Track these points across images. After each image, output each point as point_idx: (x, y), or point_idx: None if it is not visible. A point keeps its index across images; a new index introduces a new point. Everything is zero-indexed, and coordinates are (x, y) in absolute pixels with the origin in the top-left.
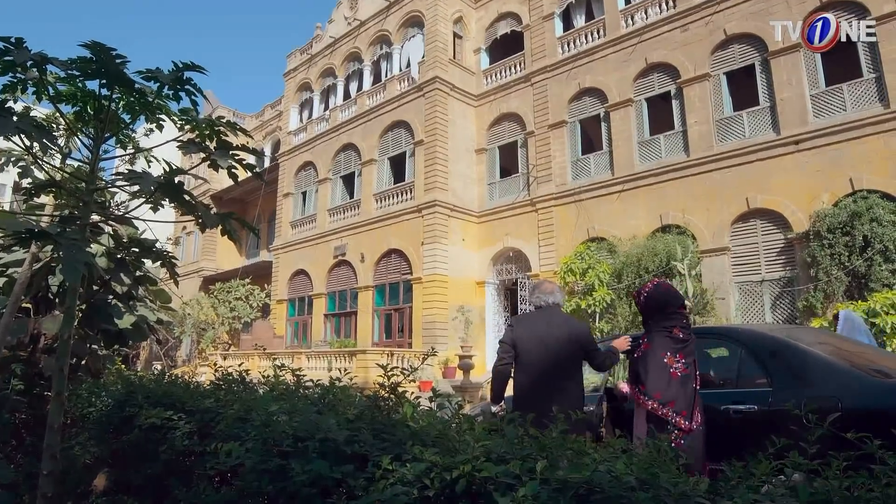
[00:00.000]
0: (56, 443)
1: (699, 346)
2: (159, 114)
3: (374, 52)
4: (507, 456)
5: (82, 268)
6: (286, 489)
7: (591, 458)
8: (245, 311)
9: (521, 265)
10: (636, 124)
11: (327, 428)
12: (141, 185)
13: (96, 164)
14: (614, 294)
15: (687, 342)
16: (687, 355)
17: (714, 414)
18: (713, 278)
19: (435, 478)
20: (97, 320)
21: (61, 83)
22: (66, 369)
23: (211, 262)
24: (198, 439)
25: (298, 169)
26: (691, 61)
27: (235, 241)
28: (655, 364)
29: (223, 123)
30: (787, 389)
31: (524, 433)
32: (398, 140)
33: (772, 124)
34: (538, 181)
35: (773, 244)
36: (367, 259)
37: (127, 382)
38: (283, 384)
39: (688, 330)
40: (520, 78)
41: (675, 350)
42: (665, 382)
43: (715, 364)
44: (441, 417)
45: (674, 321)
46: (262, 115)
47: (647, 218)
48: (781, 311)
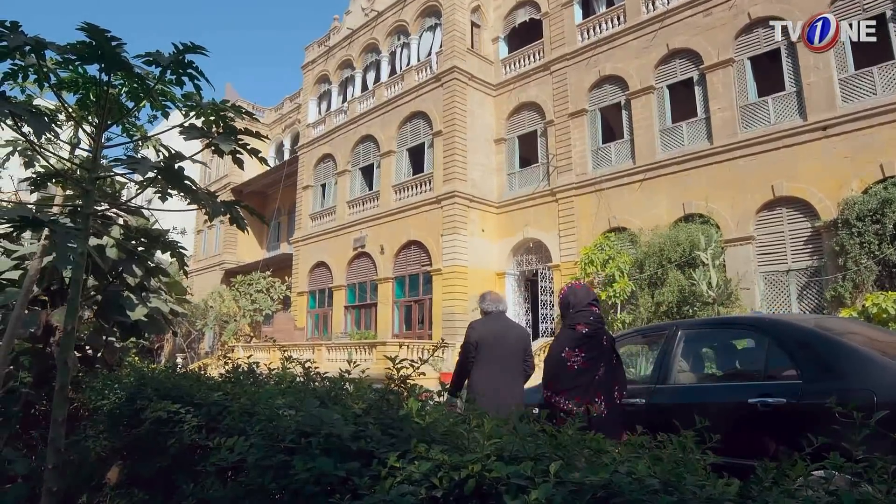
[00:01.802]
0: (60, 436)
1: (722, 336)
2: (164, 100)
3: (391, 42)
4: (519, 455)
5: (77, 257)
6: (290, 486)
7: (611, 458)
8: (266, 304)
9: (542, 256)
10: (658, 112)
11: (331, 423)
12: (138, 171)
13: (98, 152)
14: (636, 285)
15: (591, 337)
16: (589, 349)
17: (739, 408)
18: (737, 268)
19: (443, 477)
20: (110, 312)
21: (62, 69)
22: (70, 362)
23: (232, 255)
24: (206, 433)
25: (317, 161)
26: (714, 46)
27: (243, 229)
28: (553, 357)
29: (228, 108)
30: (817, 382)
31: (539, 429)
32: (417, 131)
33: (798, 110)
34: (558, 171)
35: (800, 233)
36: (386, 251)
37: (139, 375)
38: (290, 377)
39: (595, 326)
40: (539, 66)
41: (575, 344)
42: (559, 373)
43: (740, 355)
44: (450, 412)
45: (578, 318)
46: (282, 107)
47: (670, 207)
48: (808, 301)
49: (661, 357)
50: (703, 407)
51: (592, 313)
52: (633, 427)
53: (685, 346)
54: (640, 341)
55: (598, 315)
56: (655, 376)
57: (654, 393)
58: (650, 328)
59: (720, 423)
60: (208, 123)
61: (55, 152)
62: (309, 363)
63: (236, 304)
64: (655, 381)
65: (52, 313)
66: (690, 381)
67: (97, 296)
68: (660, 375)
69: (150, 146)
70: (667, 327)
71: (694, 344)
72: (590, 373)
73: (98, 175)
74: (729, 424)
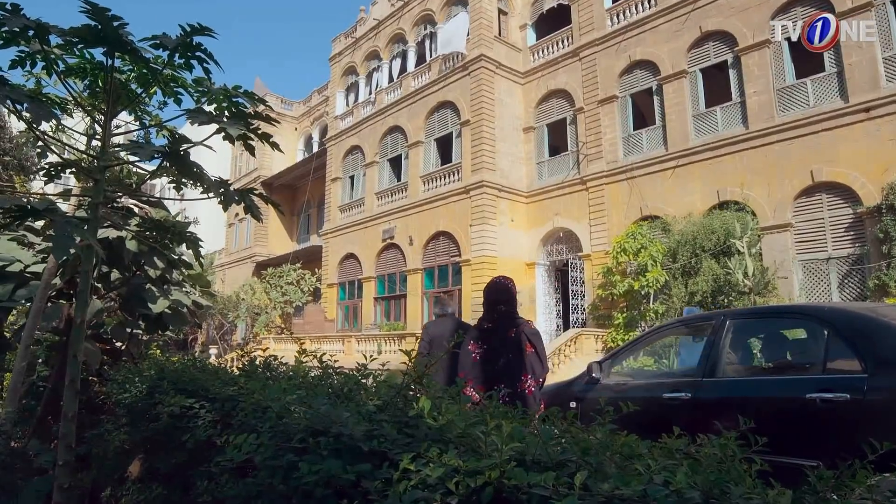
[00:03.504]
0: (71, 432)
1: (775, 326)
2: (175, 87)
3: (418, 32)
4: (541, 460)
5: (76, 247)
6: (299, 488)
7: (645, 465)
8: (296, 296)
9: (572, 245)
10: (691, 96)
11: (340, 421)
12: (139, 155)
13: (108, 140)
14: (669, 274)
15: (493, 332)
16: (491, 343)
17: (794, 403)
18: (774, 256)
19: (459, 483)
20: (134, 305)
21: (69, 55)
22: (79, 356)
23: (263, 248)
24: (220, 429)
25: (346, 153)
26: (749, 28)
27: (258, 218)
28: (462, 349)
29: (241, 93)
30: (885, 375)
31: (564, 430)
32: (444, 121)
33: (839, 91)
34: (588, 159)
35: (841, 219)
36: (415, 242)
37: (159, 368)
38: (303, 371)
39: (497, 322)
40: (568, 53)
41: (478, 338)
42: (465, 363)
43: (794, 347)
44: (466, 411)
45: (485, 315)
46: (310, 100)
47: (703, 194)
48: (850, 289)
49: (707, 348)
50: (755, 402)
51: (497, 311)
52: (676, 423)
53: (734, 337)
54: (684, 332)
55: (505, 312)
56: (702, 369)
57: (701, 386)
58: (695, 318)
59: (773, 419)
60: (220, 109)
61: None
62: (327, 356)
63: (267, 297)
64: (702, 374)
65: (74, 306)
66: (740, 375)
67: (122, 287)
68: (706, 368)
69: (163, 135)
70: (714, 317)
71: (743, 335)
72: (490, 363)
73: (107, 164)
74: (783, 422)
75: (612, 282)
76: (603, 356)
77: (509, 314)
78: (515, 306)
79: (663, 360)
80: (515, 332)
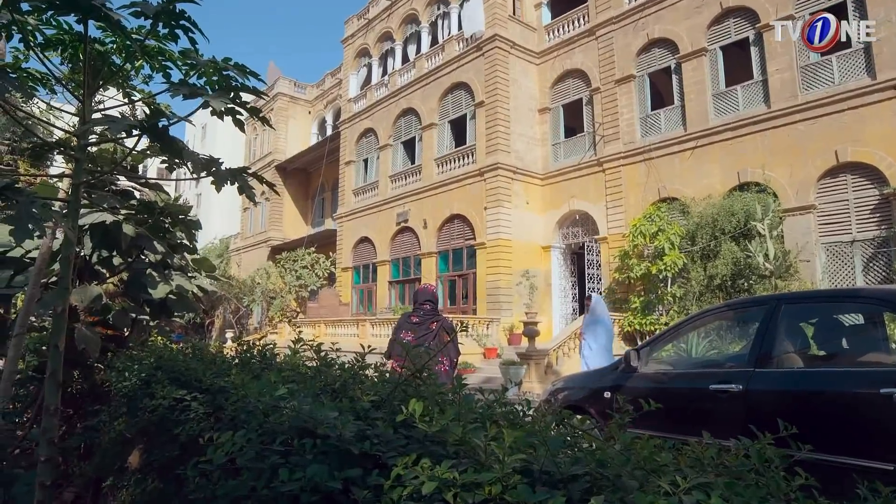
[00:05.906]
0: (52, 427)
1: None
2: (163, 60)
3: (431, 12)
4: (550, 472)
5: (41, 229)
6: (284, 493)
7: (671, 482)
8: (311, 280)
9: (588, 228)
10: (710, 75)
11: (327, 422)
12: (112, 129)
13: (88, 116)
14: (687, 258)
15: (420, 324)
16: (417, 333)
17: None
18: (797, 239)
19: (458, 495)
20: (135, 290)
21: (47, 27)
22: (61, 345)
23: (278, 232)
24: (213, 422)
25: (359, 136)
26: (772, 3)
27: (252, 200)
28: (393, 335)
29: (231, 66)
30: None
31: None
32: (458, 102)
33: (866, 68)
34: (605, 140)
35: (866, 200)
36: (429, 225)
37: (157, 356)
38: (295, 363)
39: (423, 318)
40: (584, 32)
41: (408, 328)
42: (398, 348)
43: (861, 335)
44: (466, 414)
45: (414, 311)
46: (323, 83)
47: (723, 175)
48: (876, 273)
49: (759, 336)
50: (817, 396)
51: (423, 309)
52: (726, 418)
53: (788, 324)
54: (729, 317)
55: (429, 310)
56: (754, 358)
57: (753, 377)
58: (742, 302)
59: (840, 415)
60: (210, 84)
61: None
62: (332, 341)
63: (282, 281)
64: (754, 364)
65: (72, 292)
66: (797, 366)
67: (124, 273)
68: (759, 357)
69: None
70: (766, 301)
71: (800, 321)
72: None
73: (87, 142)
74: (851, 418)
75: (629, 265)
76: (641, 343)
77: (432, 311)
78: (437, 305)
79: (703, 347)
80: (437, 325)
